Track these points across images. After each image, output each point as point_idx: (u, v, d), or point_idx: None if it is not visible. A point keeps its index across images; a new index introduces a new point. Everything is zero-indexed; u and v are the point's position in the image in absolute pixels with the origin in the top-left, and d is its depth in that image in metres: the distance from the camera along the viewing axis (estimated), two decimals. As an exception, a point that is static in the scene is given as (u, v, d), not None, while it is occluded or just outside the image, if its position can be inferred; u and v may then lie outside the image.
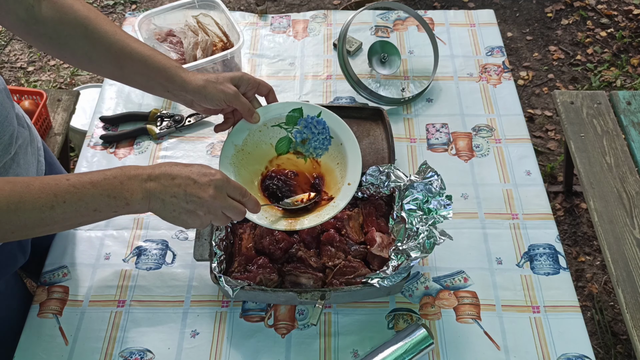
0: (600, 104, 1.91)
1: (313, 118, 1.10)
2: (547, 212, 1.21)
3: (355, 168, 1.06)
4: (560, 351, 1.01)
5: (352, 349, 1.02)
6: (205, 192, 0.85)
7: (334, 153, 1.10)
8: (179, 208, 0.86)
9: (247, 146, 1.10)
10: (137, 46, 0.99)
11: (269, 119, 1.10)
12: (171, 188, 0.84)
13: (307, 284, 1.04)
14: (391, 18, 1.63)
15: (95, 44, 0.98)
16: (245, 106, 1.04)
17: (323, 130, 1.10)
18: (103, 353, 1.03)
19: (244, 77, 1.04)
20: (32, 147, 1.09)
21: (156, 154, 1.33)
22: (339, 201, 1.04)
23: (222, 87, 1.00)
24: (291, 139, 1.12)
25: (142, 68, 0.99)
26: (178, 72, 1.00)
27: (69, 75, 2.88)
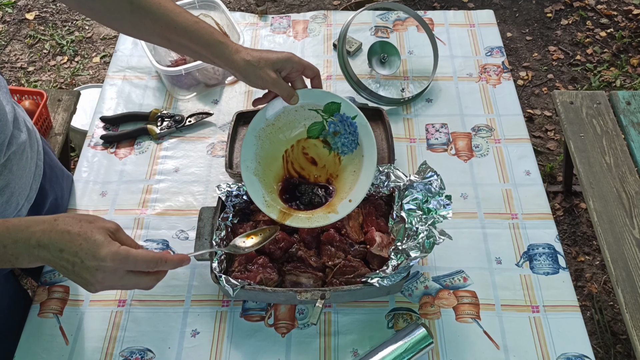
0: (600, 104, 1.91)
1: (348, 118, 1.08)
2: (546, 212, 1.21)
3: (362, 187, 1.06)
4: (560, 351, 1.02)
5: (352, 348, 1.03)
6: (92, 277, 0.78)
7: (355, 160, 1.10)
8: (71, 278, 0.80)
9: (278, 122, 1.09)
10: (181, 20, 0.99)
11: (307, 102, 1.08)
12: (60, 260, 0.77)
13: (307, 283, 1.04)
14: (391, 18, 1.63)
15: (141, 18, 1.00)
16: (284, 91, 1.03)
17: (354, 133, 1.09)
18: (103, 353, 1.03)
19: (289, 60, 1.01)
20: (31, 151, 1.07)
21: (157, 154, 1.33)
22: (332, 215, 1.05)
23: (261, 72, 0.99)
24: (325, 126, 1.11)
25: (187, 42, 1.00)
26: (222, 50, 0.99)
27: (70, 75, 2.88)
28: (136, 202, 1.24)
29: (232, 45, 1.00)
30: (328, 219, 1.05)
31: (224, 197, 1.11)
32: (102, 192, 1.26)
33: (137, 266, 0.80)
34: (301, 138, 1.13)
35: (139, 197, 1.25)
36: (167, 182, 1.28)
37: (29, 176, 1.07)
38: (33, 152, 1.09)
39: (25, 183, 1.05)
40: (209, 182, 1.28)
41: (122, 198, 1.25)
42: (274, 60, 1.00)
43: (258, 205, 1.06)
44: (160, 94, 1.46)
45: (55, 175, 1.22)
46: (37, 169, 1.11)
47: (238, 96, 1.45)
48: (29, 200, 1.08)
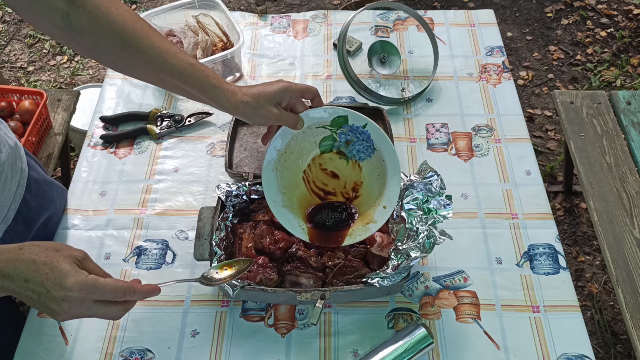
0: (600, 103, 1.91)
1: (358, 127, 1.07)
2: (546, 211, 1.21)
3: (393, 191, 1.05)
4: (560, 351, 1.01)
5: (352, 349, 1.02)
6: (58, 307, 0.75)
7: (376, 163, 1.09)
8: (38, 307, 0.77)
9: (290, 149, 1.08)
10: (176, 62, 0.94)
11: (313, 123, 1.07)
12: (25, 290, 0.75)
13: (307, 283, 1.04)
14: (391, 18, 1.63)
15: (133, 57, 0.94)
16: (289, 121, 1.01)
17: (368, 140, 1.08)
18: (103, 353, 1.03)
19: (286, 89, 0.98)
20: (12, 171, 1.04)
21: (156, 154, 1.33)
22: (372, 225, 1.05)
23: (262, 111, 0.96)
24: (335, 138, 1.09)
25: (181, 84, 0.96)
26: (217, 95, 0.95)
27: (69, 75, 2.88)
28: (136, 202, 1.24)
29: (227, 88, 0.96)
30: (368, 230, 1.05)
31: (223, 197, 1.11)
32: (101, 192, 1.26)
33: (105, 296, 0.78)
34: (315, 156, 1.11)
35: (139, 197, 1.25)
36: (167, 182, 1.28)
37: (8, 197, 1.04)
38: (15, 171, 1.06)
39: (2, 205, 1.02)
40: (209, 182, 1.27)
41: (121, 198, 1.25)
42: (271, 95, 0.97)
43: (298, 236, 1.06)
44: (160, 94, 1.45)
45: (43, 189, 1.18)
46: (18, 188, 1.07)
47: (238, 96, 1.45)
48: (5, 220, 1.04)
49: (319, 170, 1.12)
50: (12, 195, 1.05)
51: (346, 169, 1.11)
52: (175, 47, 0.96)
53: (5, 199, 1.03)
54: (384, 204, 1.06)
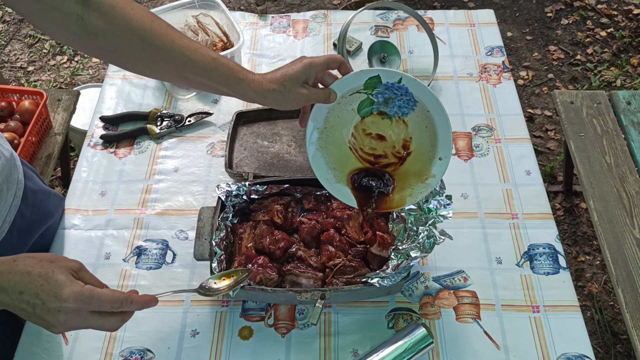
0: (600, 103, 1.91)
1: (393, 84, 1.00)
2: (546, 211, 1.21)
3: (446, 140, 1.00)
4: (560, 351, 1.01)
5: (352, 349, 1.02)
6: (54, 318, 0.74)
7: (421, 115, 1.03)
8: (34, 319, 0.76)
9: (329, 123, 1.03)
10: (198, 58, 0.91)
11: (346, 90, 1.01)
12: (20, 303, 0.74)
13: (307, 283, 1.04)
14: (391, 18, 1.63)
15: (154, 57, 0.91)
16: (320, 97, 0.97)
17: (407, 93, 1.01)
18: (103, 352, 1.03)
19: (310, 66, 0.94)
20: (7, 183, 1.03)
21: (156, 154, 1.33)
22: (431, 180, 1.01)
23: (291, 95, 0.93)
24: (373, 100, 1.03)
25: (206, 80, 0.93)
26: (243, 87, 0.93)
27: (69, 75, 2.88)
28: (136, 202, 1.24)
29: (252, 79, 0.93)
30: (429, 186, 1.01)
31: (223, 197, 1.11)
32: (101, 192, 1.26)
33: (102, 306, 0.76)
34: (357, 123, 1.05)
35: (139, 197, 1.25)
36: (167, 182, 1.28)
37: (3, 209, 1.02)
38: (11, 183, 1.05)
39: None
40: (209, 182, 1.27)
41: (121, 198, 1.25)
42: (296, 75, 0.93)
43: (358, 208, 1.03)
44: (160, 94, 1.46)
45: (40, 200, 1.16)
46: (14, 200, 1.05)
47: (238, 96, 1.45)
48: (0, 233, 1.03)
49: (364, 136, 1.05)
50: (7, 207, 1.04)
51: (391, 128, 1.05)
52: (195, 42, 0.93)
53: (1, 212, 1.01)
54: (439, 155, 1.01)
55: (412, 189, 1.03)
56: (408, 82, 1.00)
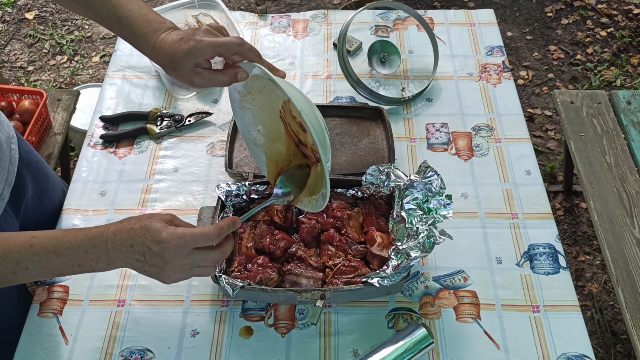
0: (600, 103, 1.91)
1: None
2: (547, 211, 1.21)
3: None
4: (560, 350, 1.01)
5: (352, 349, 1.02)
6: (161, 259, 0.82)
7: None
8: (147, 271, 0.85)
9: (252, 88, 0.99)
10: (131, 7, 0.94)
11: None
12: (133, 255, 0.83)
13: (307, 283, 1.04)
14: (391, 18, 1.63)
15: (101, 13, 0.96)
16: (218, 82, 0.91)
17: None
18: (103, 352, 1.03)
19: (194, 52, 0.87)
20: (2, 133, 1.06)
21: (156, 154, 1.33)
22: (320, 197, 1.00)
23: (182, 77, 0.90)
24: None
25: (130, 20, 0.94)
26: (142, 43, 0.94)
27: (69, 75, 2.88)
28: (136, 202, 1.24)
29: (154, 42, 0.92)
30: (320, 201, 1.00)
31: (223, 196, 1.11)
32: (101, 191, 1.26)
33: (197, 241, 0.83)
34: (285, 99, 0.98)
35: (139, 197, 1.25)
36: (167, 181, 1.28)
37: (5, 159, 1.06)
38: (3, 134, 1.07)
39: (2, 167, 1.04)
40: (209, 181, 1.27)
41: (121, 198, 1.25)
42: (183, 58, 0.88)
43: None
44: (160, 94, 1.45)
45: (36, 159, 1.22)
46: (11, 152, 1.09)
47: (238, 96, 1.45)
48: (8, 183, 1.07)
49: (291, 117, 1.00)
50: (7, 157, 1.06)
51: None
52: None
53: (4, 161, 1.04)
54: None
55: (314, 197, 1.03)
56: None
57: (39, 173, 1.23)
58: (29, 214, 1.17)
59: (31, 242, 0.82)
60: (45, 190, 1.24)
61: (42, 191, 1.22)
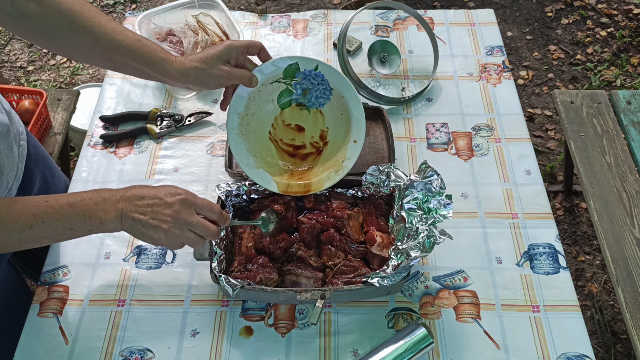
0: (600, 103, 1.91)
1: (310, 71, 1.08)
2: (546, 211, 1.21)
3: (359, 123, 1.06)
4: (560, 350, 1.01)
5: (352, 348, 1.02)
6: (170, 209, 0.91)
7: (336, 104, 1.10)
8: (146, 224, 0.90)
9: (250, 110, 1.10)
10: (123, 39, 0.98)
11: (267, 78, 1.08)
12: (140, 207, 0.90)
13: (307, 283, 1.04)
14: (391, 17, 1.63)
15: (81, 38, 0.98)
16: (242, 77, 1.03)
17: (322, 82, 1.09)
18: (103, 352, 1.03)
19: (231, 46, 1.01)
20: (12, 129, 1.08)
21: (156, 154, 1.33)
22: (347, 162, 1.06)
23: (213, 71, 0.99)
24: (291, 90, 1.10)
25: (130, 61, 0.99)
26: (166, 67, 0.99)
27: (69, 75, 2.88)
28: (136, 202, 1.24)
29: (175, 60, 0.99)
30: (345, 168, 1.07)
31: (223, 196, 1.11)
32: (101, 191, 1.26)
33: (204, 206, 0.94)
34: (277, 114, 1.12)
35: (139, 197, 1.25)
36: (167, 181, 1.28)
37: (15, 156, 1.08)
38: (14, 131, 1.10)
39: (12, 162, 1.06)
40: (209, 181, 1.27)
41: (121, 197, 1.25)
42: (218, 54, 1.00)
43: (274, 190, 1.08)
44: (160, 94, 1.45)
45: (43, 155, 1.25)
46: (20, 149, 1.11)
47: (238, 95, 1.45)
48: (17, 179, 1.08)
49: (284, 128, 1.13)
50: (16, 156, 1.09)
51: (309, 119, 1.12)
52: (122, 26, 1.00)
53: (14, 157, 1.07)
54: (354, 138, 1.07)
55: (329, 172, 1.09)
56: (324, 68, 1.07)
57: (46, 169, 1.25)
58: None
59: (46, 199, 0.88)
60: (51, 185, 1.25)
61: (47, 186, 1.23)
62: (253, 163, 1.10)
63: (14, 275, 1.18)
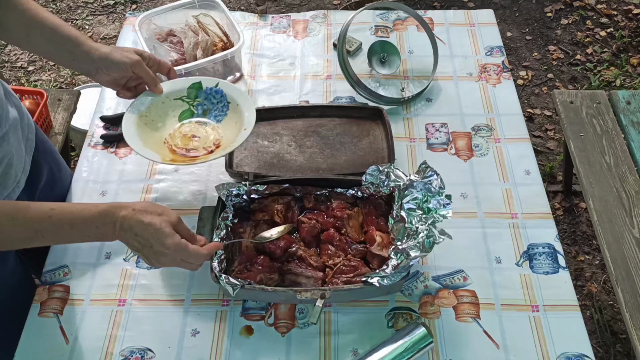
0: (600, 103, 1.91)
1: (212, 89, 1.19)
2: (546, 211, 1.21)
3: (250, 117, 1.13)
4: (560, 350, 1.02)
5: (352, 348, 1.03)
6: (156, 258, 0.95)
7: (233, 115, 1.17)
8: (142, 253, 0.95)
9: (150, 114, 1.18)
10: (48, 15, 1.06)
11: (171, 92, 1.19)
12: (134, 241, 0.93)
13: (307, 283, 1.04)
14: (391, 18, 1.63)
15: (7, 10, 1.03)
16: (149, 74, 1.12)
17: (221, 98, 1.19)
18: (104, 352, 1.03)
19: (145, 52, 1.13)
20: (22, 124, 1.11)
21: (156, 154, 1.33)
22: (234, 143, 1.11)
23: (127, 53, 1.09)
24: (193, 111, 1.20)
25: (51, 35, 1.05)
26: (86, 41, 1.08)
27: (70, 75, 2.88)
28: (136, 202, 1.24)
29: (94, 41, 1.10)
30: (230, 147, 1.11)
31: (223, 196, 1.11)
32: (102, 191, 1.26)
33: (191, 256, 0.96)
34: (175, 127, 1.20)
35: (139, 197, 1.25)
36: (167, 181, 1.28)
37: (23, 149, 1.10)
38: (24, 125, 1.13)
39: (20, 155, 1.08)
40: (209, 181, 1.28)
41: (122, 197, 1.25)
42: (134, 49, 1.12)
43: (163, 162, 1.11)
44: (160, 94, 1.45)
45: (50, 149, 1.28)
46: (28, 142, 1.14)
47: (238, 96, 1.45)
48: (24, 172, 1.10)
49: (180, 136, 1.18)
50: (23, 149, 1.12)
51: (207, 130, 1.18)
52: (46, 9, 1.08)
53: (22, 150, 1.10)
54: (244, 127, 1.13)
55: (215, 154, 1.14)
56: (223, 85, 1.19)
57: (53, 162, 1.27)
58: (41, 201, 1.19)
59: (50, 213, 0.90)
60: (57, 179, 1.27)
61: (53, 180, 1.25)
62: (142, 145, 1.12)
63: (21, 267, 1.18)
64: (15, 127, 1.05)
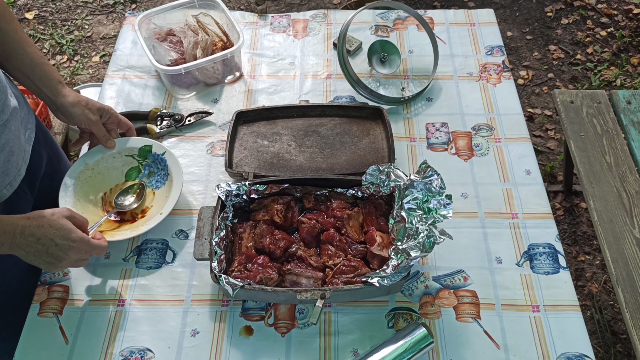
0: (600, 103, 1.91)
1: (158, 155, 1.24)
2: (546, 211, 1.21)
3: (170, 203, 1.16)
4: (560, 350, 1.02)
5: (352, 348, 1.02)
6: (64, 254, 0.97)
7: (167, 189, 1.21)
8: (41, 259, 0.97)
9: (98, 167, 1.23)
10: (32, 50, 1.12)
11: (124, 149, 1.24)
12: (36, 245, 0.95)
13: (307, 283, 1.04)
14: (391, 17, 1.63)
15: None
16: (101, 132, 1.20)
17: (164, 167, 1.23)
18: (103, 352, 1.03)
19: (109, 111, 1.20)
20: (21, 111, 1.12)
21: (156, 154, 1.33)
22: (145, 226, 1.13)
23: (88, 113, 1.16)
24: (141, 169, 1.25)
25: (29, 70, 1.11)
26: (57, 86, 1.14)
27: (69, 75, 2.88)
28: (136, 202, 1.24)
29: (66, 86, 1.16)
30: (140, 231, 1.12)
31: (223, 196, 1.11)
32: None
33: (93, 250, 1.01)
34: (119, 182, 1.24)
35: (139, 197, 1.25)
36: (167, 181, 1.28)
37: (23, 139, 1.11)
38: (23, 113, 1.13)
39: (21, 143, 1.09)
40: (209, 181, 1.27)
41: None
42: (98, 106, 1.18)
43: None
44: (160, 93, 1.45)
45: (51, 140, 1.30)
46: (27, 131, 1.15)
47: (238, 95, 1.45)
48: (25, 161, 1.11)
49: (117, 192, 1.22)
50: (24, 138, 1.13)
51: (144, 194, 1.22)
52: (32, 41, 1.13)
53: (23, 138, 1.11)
54: (161, 212, 1.15)
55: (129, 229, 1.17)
56: (168, 156, 1.23)
57: (53, 153, 1.28)
58: (41, 191, 1.21)
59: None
60: (57, 170, 1.27)
61: (54, 171, 1.26)
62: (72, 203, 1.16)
63: (21, 266, 1.18)
64: (15, 114, 1.07)
